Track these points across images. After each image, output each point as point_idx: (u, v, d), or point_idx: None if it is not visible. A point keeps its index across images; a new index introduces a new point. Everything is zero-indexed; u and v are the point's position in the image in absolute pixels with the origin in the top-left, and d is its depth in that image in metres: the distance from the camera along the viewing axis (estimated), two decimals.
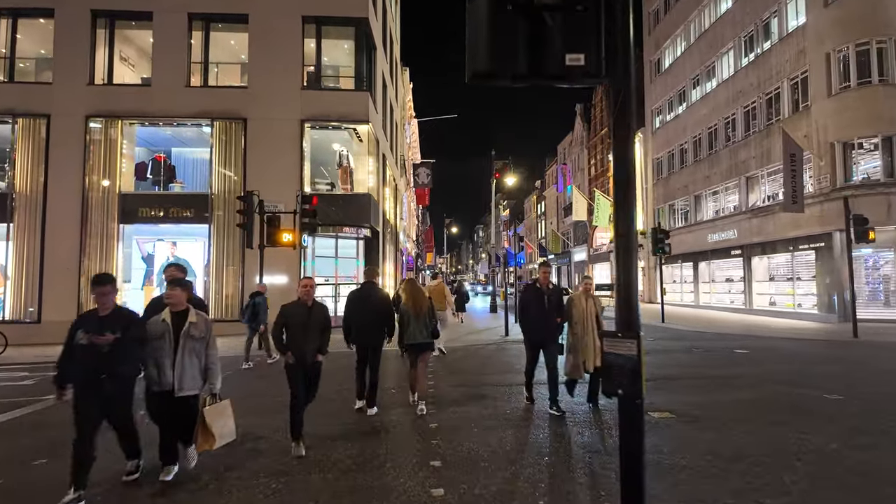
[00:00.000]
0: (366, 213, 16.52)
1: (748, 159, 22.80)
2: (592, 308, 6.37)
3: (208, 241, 16.12)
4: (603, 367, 2.39)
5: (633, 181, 2.45)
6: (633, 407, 2.24)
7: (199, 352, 4.18)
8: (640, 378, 2.22)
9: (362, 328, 6.22)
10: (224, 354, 11.96)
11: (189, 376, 4.10)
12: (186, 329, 4.12)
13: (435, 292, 10.94)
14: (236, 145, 16.32)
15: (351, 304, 6.39)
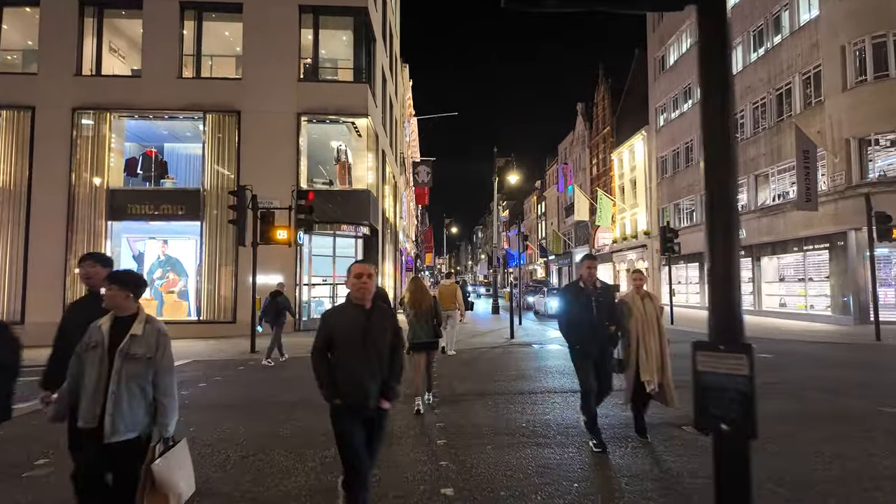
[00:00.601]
0: (365, 211, 15.87)
1: (757, 157, 22.21)
2: (652, 311, 5.04)
3: (200, 240, 15.45)
4: (697, 392, 1.73)
5: (729, 115, 1.80)
6: (740, 448, 1.61)
7: (144, 378, 2.77)
8: (753, 407, 1.59)
9: None
10: (214, 358, 11.39)
11: (127, 413, 2.70)
12: (126, 345, 2.74)
13: (447, 292, 10.83)
14: (230, 139, 15.66)
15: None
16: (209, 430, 5.64)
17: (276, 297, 10.60)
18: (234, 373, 9.41)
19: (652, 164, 32.83)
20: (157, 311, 15.75)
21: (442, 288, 11.12)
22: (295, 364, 10.17)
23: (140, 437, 2.77)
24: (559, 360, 10.14)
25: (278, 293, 10.69)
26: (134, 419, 2.74)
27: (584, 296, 4.89)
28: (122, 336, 2.76)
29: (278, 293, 10.69)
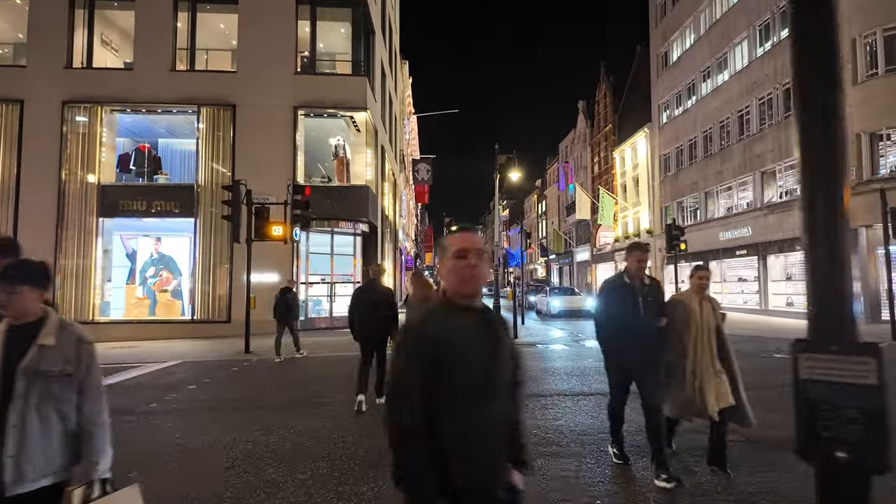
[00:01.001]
0: (363, 207, 15.45)
1: (764, 153, 21.80)
2: (710, 316, 4.15)
3: (195, 237, 15.02)
4: (801, 407, 1.30)
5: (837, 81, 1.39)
6: (860, 484, 1.18)
7: (63, 401, 2.03)
8: (885, 429, 1.16)
9: (364, 323, 6.13)
10: (206, 359, 10.96)
11: (38, 453, 1.95)
12: (32, 360, 1.99)
13: None
14: (224, 134, 15.23)
15: (355, 298, 6.36)
16: (194, 436, 5.22)
17: (285, 293, 10.58)
18: (227, 374, 8.98)
19: (655, 161, 32.41)
20: (149, 311, 15.33)
21: None
22: (292, 365, 9.75)
23: (60, 484, 2.00)
24: (566, 360, 9.71)
25: (288, 290, 10.69)
26: (49, 459, 1.97)
27: (630, 293, 4.03)
28: (23, 349, 1.99)
29: (288, 290, 10.69)
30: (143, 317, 15.07)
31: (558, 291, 24.06)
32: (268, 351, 11.69)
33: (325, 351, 11.59)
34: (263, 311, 14.59)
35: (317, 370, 9.21)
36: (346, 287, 16.95)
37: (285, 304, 10.48)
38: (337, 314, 16.51)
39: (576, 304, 21.94)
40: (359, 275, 16.92)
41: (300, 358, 10.52)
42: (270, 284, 14.74)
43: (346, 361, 9.95)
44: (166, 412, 6.25)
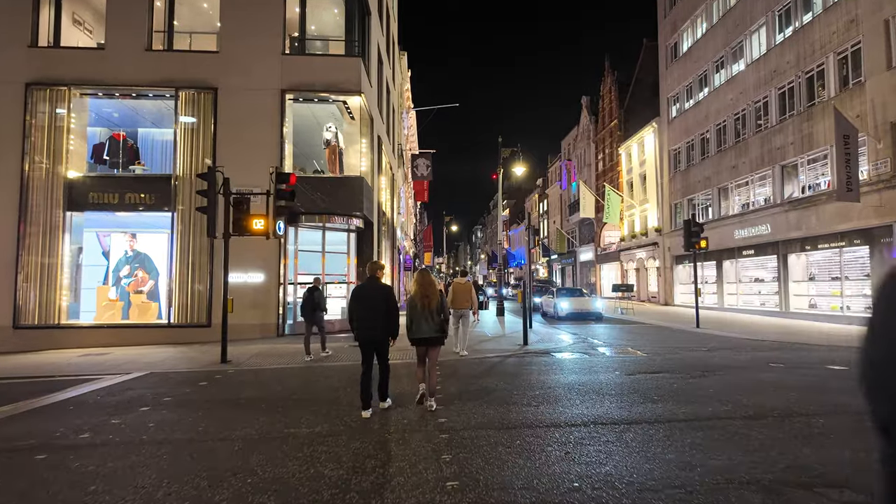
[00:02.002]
0: (358, 200, 14.12)
1: (784, 146, 20.52)
2: None
3: (172, 233, 13.68)
4: None
5: None
6: None
7: None
8: None
9: (364, 323, 5.90)
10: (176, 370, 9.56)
11: None
12: None
13: (462, 291, 10.50)
14: (205, 119, 13.91)
15: (354, 297, 6.15)
16: (119, 484, 3.89)
17: (313, 291, 10.42)
18: (194, 390, 7.64)
19: (663, 157, 31.14)
20: (122, 314, 13.99)
21: (457, 286, 10.61)
22: (270, 378, 8.41)
23: None
24: (588, 373, 8.38)
25: (315, 288, 10.52)
26: None
27: None
28: None
29: (315, 288, 10.52)
30: (116, 321, 13.73)
31: (566, 292, 22.73)
32: (248, 359, 10.39)
33: (314, 358, 10.26)
34: (244, 315, 13.32)
35: (300, 384, 7.88)
36: (340, 288, 15.65)
37: (312, 302, 10.32)
38: (329, 316, 15.17)
39: (585, 306, 20.63)
40: (353, 274, 15.61)
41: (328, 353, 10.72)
42: (255, 285, 13.42)
43: (333, 373, 8.62)
44: (94, 446, 4.91)
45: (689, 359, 9.89)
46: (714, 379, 7.72)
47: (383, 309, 5.84)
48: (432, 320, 5.90)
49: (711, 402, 6.21)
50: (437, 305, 5.94)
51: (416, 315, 5.96)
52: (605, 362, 9.52)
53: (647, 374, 8.19)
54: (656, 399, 6.43)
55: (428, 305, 5.91)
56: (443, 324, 5.99)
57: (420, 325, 5.93)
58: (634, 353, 10.74)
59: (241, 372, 9.18)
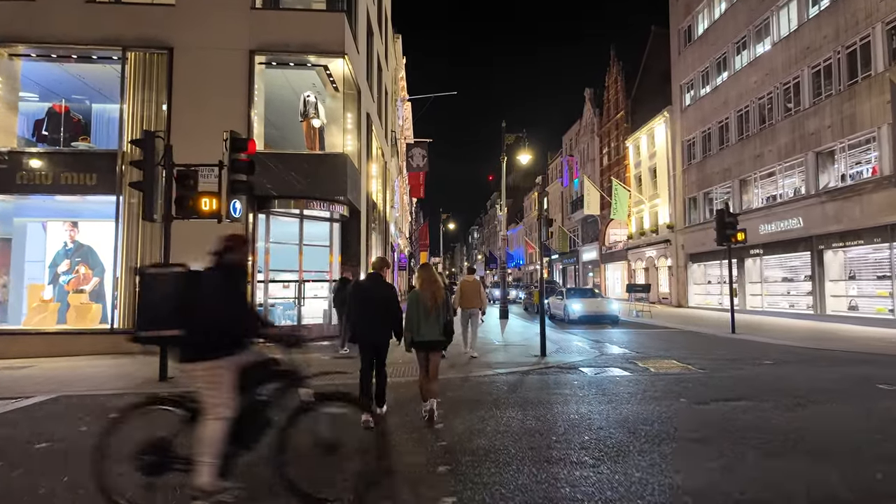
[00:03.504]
0: (341, 182, 11.87)
1: (820, 130, 18.47)
2: None
3: (118, 220, 11.39)
4: None
5: None
6: None
7: None
8: None
9: (364, 323, 5.40)
10: (97, 391, 6.48)
11: None
12: None
13: (471, 289, 9.89)
14: (158, 85, 11.65)
15: (353, 297, 5.68)
16: None
17: (345, 283, 10.11)
18: (93, 429, 5.39)
19: (676, 148, 29.10)
20: (57, 317, 11.68)
21: (465, 285, 9.98)
22: None
23: None
24: (645, 401, 6.18)
25: (347, 280, 10.25)
26: None
27: None
28: None
29: (347, 280, 10.25)
30: (49, 326, 11.42)
31: (577, 293, 20.55)
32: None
33: None
34: None
35: None
36: (320, 287, 13.40)
37: (343, 295, 9.65)
38: (308, 321, 12.95)
39: (600, 309, 18.48)
40: (336, 272, 13.36)
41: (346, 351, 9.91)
42: None
43: None
44: None
45: (760, 377, 7.74)
46: (820, 411, 5.57)
47: (388, 310, 5.42)
48: (437, 321, 5.31)
49: (866, 459, 4.03)
50: (442, 304, 5.34)
51: (419, 315, 5.29)
52: (658, 383, 7.32)
53: (724, 401, 6.02)
54: (770, 449, 4.25)
55: (433, 305, 5.31)
56: (448, 326, 5.39)
57: (423, 326, 5.29)
58: (685, 367, 8.57)
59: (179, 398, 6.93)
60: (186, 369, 3.16)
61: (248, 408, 3.19)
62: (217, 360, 3.08)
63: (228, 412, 3.09)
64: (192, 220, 8.46)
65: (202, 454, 3.06)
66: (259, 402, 3.25)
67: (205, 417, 3.10)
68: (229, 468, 3.17)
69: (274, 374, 3.29)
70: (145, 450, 3.19)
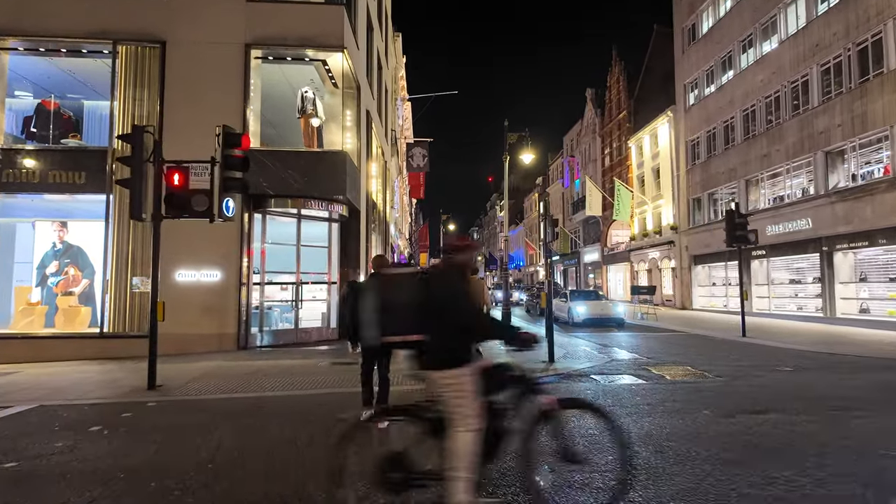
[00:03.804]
0: (340, 181, 11.46)
1: (829, 129, 18.08)
2: None
3: (107, 220, 10.98)
4: None
5: None
6: None
7: None
8: None
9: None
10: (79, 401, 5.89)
11: None
12: None
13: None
14: (150, 80, 11.25)
15: (355, 297, 5.33)
16: None
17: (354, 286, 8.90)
18: (68, 444, 4.96)
19: (680, 148, 28.71)
20: (45, 321, 11.25)
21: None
22: (217, 410, 5.72)
23: None
24: (665, 413, 5.76)
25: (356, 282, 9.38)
26: None
27: None
28: None
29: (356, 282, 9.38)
30: (36, 330, 10.99)
31: (581, 296, 20.13)
32: (186, 384, 7.74)
33: (275, 384, 7.59)
34: (196, 323, 10.66)
35: (241, 431, 5.22)
36: (319, 290, 12.98)
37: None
38: (306, 324, 12.54)
39: (605, 312, 18.06)
40: (335, 273, 12.95)
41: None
42: (209, 285, 10.76)
43: (309, 407, 5.93)
44: None
45: (781, 385, 7.33)
46: (864, 425, 5.14)
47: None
48: None
49: None
50: None
51: None
52: (676, 392, 6.89)
53: (751, 414, 5.60)
54: (821, 475, 3.82)
55: None
56: None
57: None
58: (701, 374, 8.15)
59: (166, 406, 6.52)
60: (433, 377, 2.93)
61: (489, 417, 2.98)
62: (464, 366, 2.88)
63: (480, 423, 2.86)
64: (182, 220, 8.09)
65: (456, 469, 2.80)
66: (498, 410, 3.02)
67: (455, 429, 2.83)
68: (479, 482, 2.97)
69: (509, 379, 3.09)
70: (385, 466, 2.95)
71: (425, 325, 2.89)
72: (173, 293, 10.59)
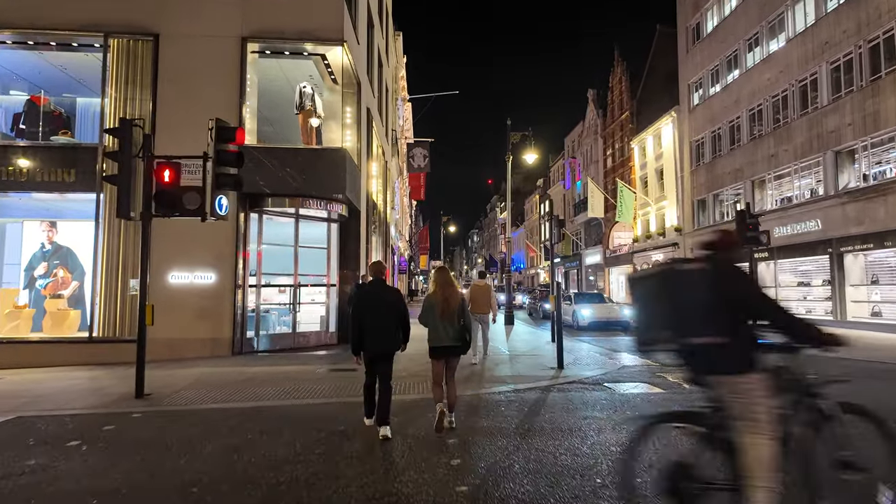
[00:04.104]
0: (339, 179, 11.05)
1: (840, 128, 17.71)
2: None
3: (97, 220, 10.56)
4: None
5: None
6: None
7: None
8: None
9: (374, 331, 5.03)
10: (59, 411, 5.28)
11: None
12: None
13: (481, 293, 9.49)
14: (143, 76, 10.85)
15: (359, 304, 5.19)
16: None
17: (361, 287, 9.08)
18: (41, 462, 4.53)
19: (684, 149, 28.33)
20: (32, 325, 10.81)
21: (475, 289, 9.55)
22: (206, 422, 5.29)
23: None
24: None
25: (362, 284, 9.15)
26: None
27: None
28: None
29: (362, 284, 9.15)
30: (22, 334, 10.55)
31: (586, 298, 19.72)
32: (177, 392, 7.31)
33: (270, 392, 7.16)
34: (189, 327, 10.25)
35: (230, 449, 4.79)
36: (318, 292, 12.56)
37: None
38: (304, 328, 12.12)
39: (611, 315, 17.65)
40: (334, 276, 12.53)
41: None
42: (203, 288, 10.36)
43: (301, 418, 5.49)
44: None
45: None
46: None
47: (394, 316, 5.15)
48: (452, 327, 5.10)
49: None
50: (458, 309, 5.13)
51: (434, 320, 5.11)
52: (694, 401, 6.47)
53: None
54: None
55: (448, 309, 5.09)
56: (464, 331, 5.14)
57: (439, 332, 5.11)
58: None
59: (152, 417, 6.08)
60: (723, 381, 2.75)
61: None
62: (757, 369, 2.73)
63: (778, 428, 2.72)
64: (175, 219, 7.68)
65: (755, 478, 2.64)
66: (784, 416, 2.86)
67: (751, 436, 2.67)
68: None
69: (789, 382, 2.93)
70: (674, 474, 2.79)
71: (717, 326, 2.66)
72: (166, 296, 10.19)
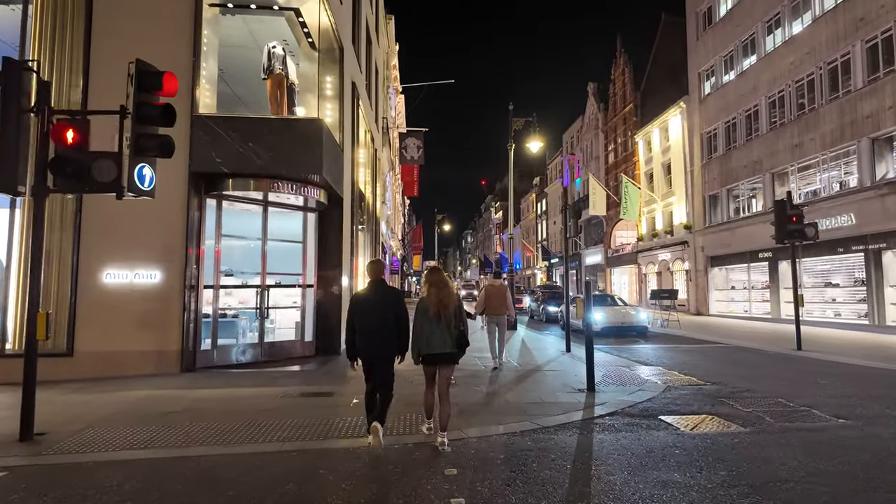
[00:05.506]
0: (315, 157, 9.08)
1: (878, 112, 16.05)
2: None
3: (12, 208, 8.54)
4: None
5: None
6: None
7: None
8: None
9: (370, 335, 4.68)
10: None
11: None
12: None
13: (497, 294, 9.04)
14: (73, 31, 8.84)
15: (355, 306, 4.83)
16: None
17: None
18: None
19: (694, 141, 26.66)
20: None
21: (491, 290, 9.17)
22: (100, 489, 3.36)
23: None
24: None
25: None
26: None
27: None
28: None
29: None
30: None
31: (598, 301, 17.78)
32: (82, 430, 5.29)
33: (211, 430, 5.21)
34: (127, 337, 8.30)
35: None
36: (291, 293, 10.57)
37: None
38: (275, 337, 10.17)
39: (627, 319, 15.86)
40: (312, 275, 10.58)
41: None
42: (145, 289, 8.40)
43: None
44: None
45: None
46: None
47: (393, 320, 4.68)
48: (448, 332, 4.65)
49: None
50: (453, 312, 4.69)
51: (428, 325, 4.67)
52: (795, 447, 4.62)
53: None
54: None
55: (443, 313, 4.64)
56: (461, 337, 4.69)
57: (432, 337, 4.65)
58: (806, 412, 5.88)
59: (27, 477, 4.12)
60: None
61: None
62: None
63: None
64: (110, 202, 5.75)
65: None
66: None
67: None
68: None
69: None
70: None
71: None
72: (98, 298, 8.24)
